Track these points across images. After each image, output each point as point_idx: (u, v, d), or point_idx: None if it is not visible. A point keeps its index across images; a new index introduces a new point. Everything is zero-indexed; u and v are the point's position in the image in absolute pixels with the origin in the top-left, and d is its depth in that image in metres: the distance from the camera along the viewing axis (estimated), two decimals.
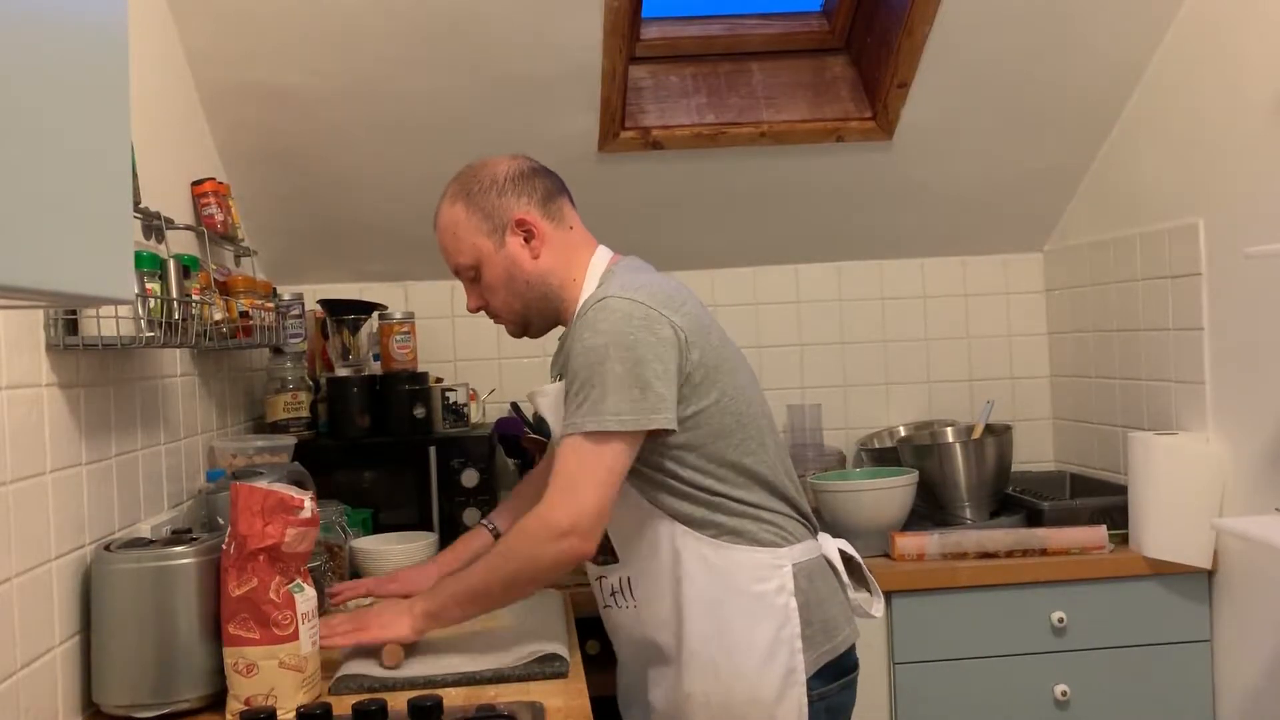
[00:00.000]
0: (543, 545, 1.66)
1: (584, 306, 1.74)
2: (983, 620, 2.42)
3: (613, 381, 1.64)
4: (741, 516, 1.75)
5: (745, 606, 1.72)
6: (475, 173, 1.85)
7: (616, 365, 1.65)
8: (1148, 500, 2.42)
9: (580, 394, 1.66)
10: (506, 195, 1.82)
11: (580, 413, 1.66)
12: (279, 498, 1.57)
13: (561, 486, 1.66)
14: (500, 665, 1.71)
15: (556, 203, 1.85)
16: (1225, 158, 2.35)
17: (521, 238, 1.81)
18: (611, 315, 1.67)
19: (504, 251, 1.81)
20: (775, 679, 1.71)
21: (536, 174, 1.86)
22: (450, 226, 1.84)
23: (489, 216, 1.81)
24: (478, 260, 1.82)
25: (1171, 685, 2.43)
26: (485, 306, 1.88)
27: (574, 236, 1.86)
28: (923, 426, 3.03)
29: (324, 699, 1.61)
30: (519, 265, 1.81)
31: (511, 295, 1.83)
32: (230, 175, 2.55)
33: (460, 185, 1.85)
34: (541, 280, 1.82)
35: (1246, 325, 2.30)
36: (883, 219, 3.00)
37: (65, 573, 1.57)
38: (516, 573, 1.71)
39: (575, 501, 1.64)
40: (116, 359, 1.79)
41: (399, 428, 2.62)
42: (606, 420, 1.64)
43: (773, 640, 1.71)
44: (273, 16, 2.28)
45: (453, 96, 2.51)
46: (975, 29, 2.48)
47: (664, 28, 2.82)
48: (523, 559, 1.69)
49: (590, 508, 1.64)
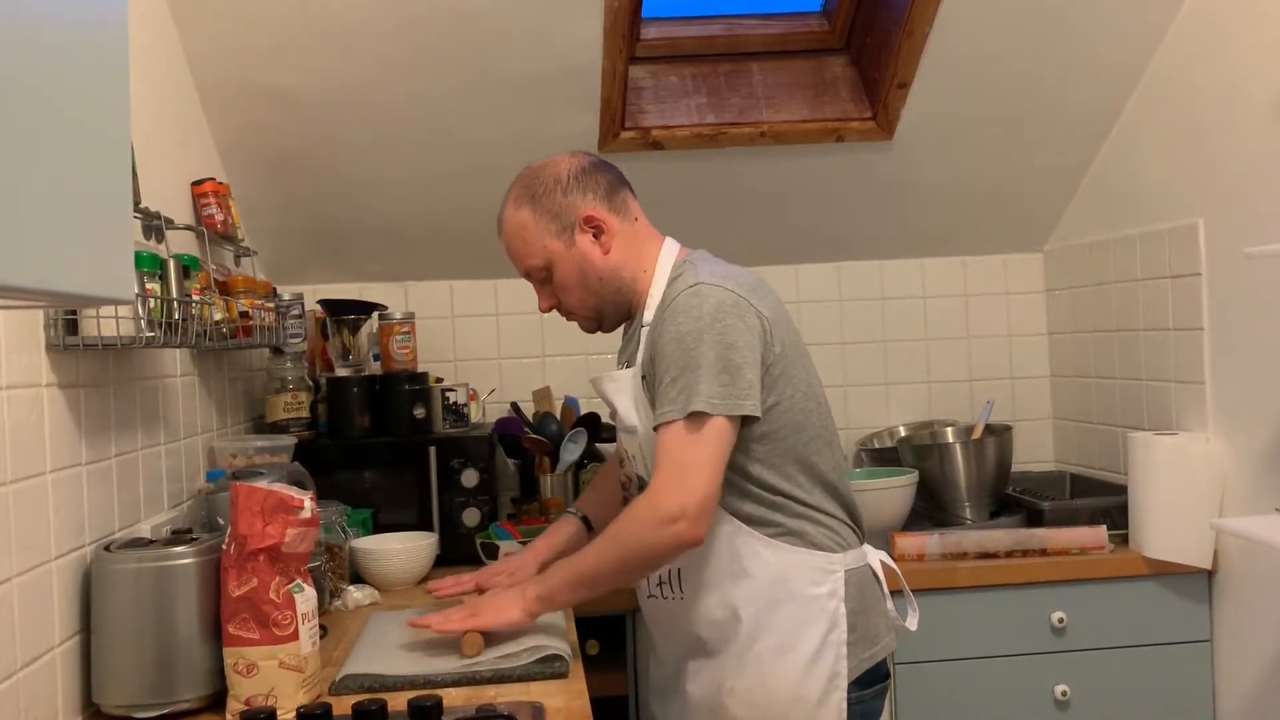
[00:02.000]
0: (654, 531, 1.66)
1: (672, 293, 1.74)
2: (983, 620, 2.42)
3: (706, 366, 1.66)
4: (802, 519, 1.76)
5: (797, 608, 1.74)
6: (537, 174, 1.85)
7: (710, 350, 1.67)
8: (1148, 500, 2.42)
9: (677, 380, 1.67)
10: (572, 193, 1.82)
11: (680, 398, 1.66)
12: (279, 498, 1.57)
13: (669, 472, 1.67)
14: (500, 665, 1.71)
15: (620, 196, 1.86)
16: (1225, 158, 2.35)
17: (591, 234, 1.82)
18: (705, 302, 1.69)
19: (575, 250, 1.82)
20: (819, 681, 1.73)
21: (598, 169, 1.86)
22: (518, 231, 1.84)
23: (556, 217, 1.81)
24: (549, 261, 1.83)
25: (1171, 685, 2.43)
26: (557, 306, 1.89)
27: (640, 229, 1.87)
28: (923, 426, 3.03)
29: (324, 699, 1.61)
30: (591, 262, 1.82)
31: (585, 292, 1.85)
32: (230, 175, 2.55)
33: (523, 188, 1.85)
34: (614, 275, 1.84)
35: (1246, 325, 2.30)
36: (883, 219, 3.00)
37: (65, 573, 1.57)
38: (627, 558, 1.71)
39: (684, 487, 1.65)
40: (116, 359, 1.79)
41: (399, 428, 2.62)
42: (700, 403, 1.65)
43: (820, 643, 1.73)
44: (273, 16, 2.28)
45: (453, 96, 2.51)
46: (975, 29, 2.48)
47: (664, 28, 2.82)
48: (633, 545, 1.69)
49: (700, 493, 1.65)
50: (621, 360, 1.90)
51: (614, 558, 1.72)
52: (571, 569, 1.76)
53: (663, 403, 1.69)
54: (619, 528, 1.72)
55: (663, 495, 1.66)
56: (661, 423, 1.68)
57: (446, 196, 2.77)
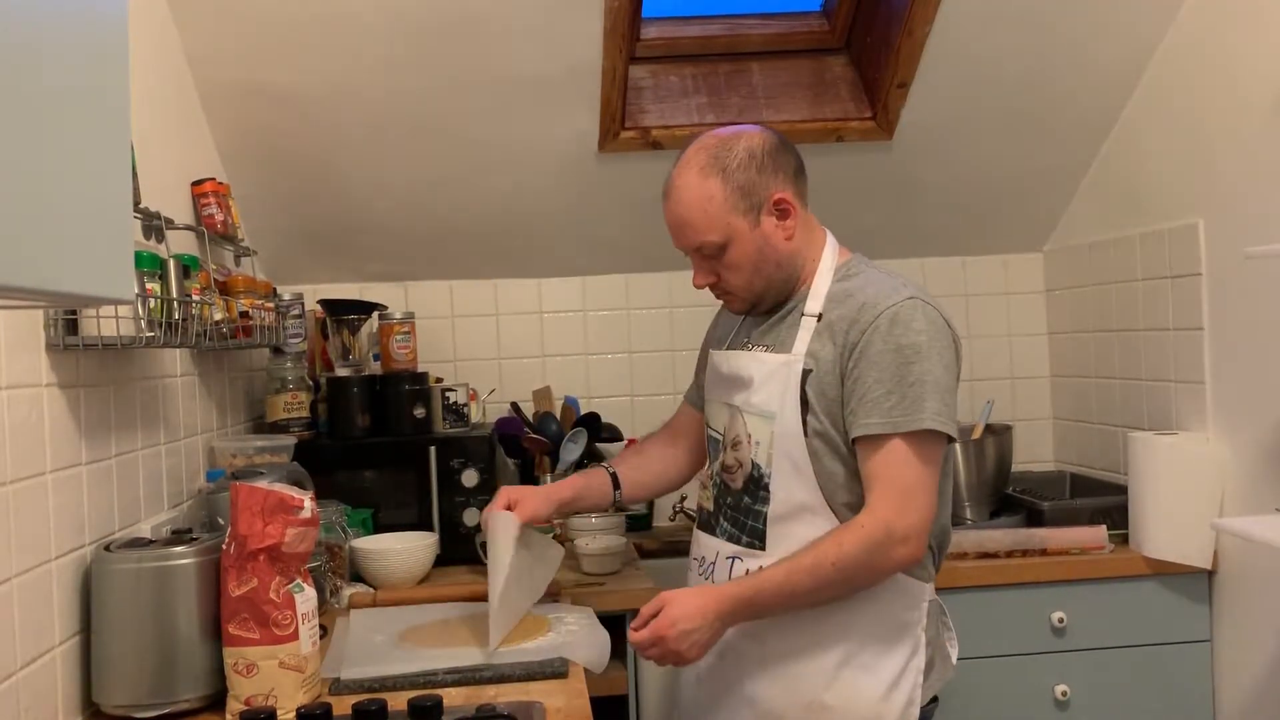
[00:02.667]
0: (882, 553, 1.63)
1: (875, 302, 1.69)
2: (983, 620, 2.42)
3: (932, 384, 1.64)
4: None
5: (888, 631, 1.73)
6: (727, 144, 1.74)
7: (935, 367, 1.65)
8: (1148, 500, 2.42)
9: (894, 392, 1.64)
10: (766, 171, 1.73)
11: (900, 410, 1.64)
12: (279, 498, 1.57)
13: (897, 494, 1.64)
14: (500, 665, 1.71)
15: (803, 180, 1.79)
16: (1225, 158, 2.35)
17: (776, 216, 1.75)
18: (924, 318, 1.67)
19: (759, 230, 1.74)
20: (898, 705, 1.73)
21: (787, 148, 1.78)
22: (701, 202, 1.72)
23: (748, 194, 1.72)
24: (728, 238, 1.73)
25: (1171, 685, 2.43)
26: (717, 283, 1.80)
27: (812, 217, 1.84)
28: None
29: (324, 699, 1.61)
30: (772, 245, 1.75)
31: (756, 275, 1.76)
32: (230, 175, 2.55)
33: (712, 157, 1.73)
34: (790, 260, 1.78)
35: (1246, 325, 2.30)
36: (883, 219, 2.99)
37: (65, 573, 1.57)
38: (851, 578, 1.66)
39: (913, 509, 1.64)
40: (116, 359, 1.79)
41: (399, 428, 2.62)
42: (926, 419, 1.63)
43: (903, 669, 1.73)
44: (273, 16, 2.28)
45: (453, 96, 2.51)
46: (975, 29, 2.48)
47: (664, 28, 2.82)
48: (859, 565, 1.64)
49: (927, 515, 1.65)
50: (758, 343, 1.82)
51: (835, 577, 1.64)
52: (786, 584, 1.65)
53: (874, 413, 1.65)
54: (842, 549, 1.64)
55: (893, 516, 1.63)
56: (875, 434, 1.65)
57: (446, 196, 2.77)
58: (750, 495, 1.77)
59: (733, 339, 1.90)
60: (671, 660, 1.68)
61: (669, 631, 1.63)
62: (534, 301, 3.08)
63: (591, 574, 2.36)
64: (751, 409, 1.77)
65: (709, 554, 1.84)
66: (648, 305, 3.07)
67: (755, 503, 1.76)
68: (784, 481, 1.72)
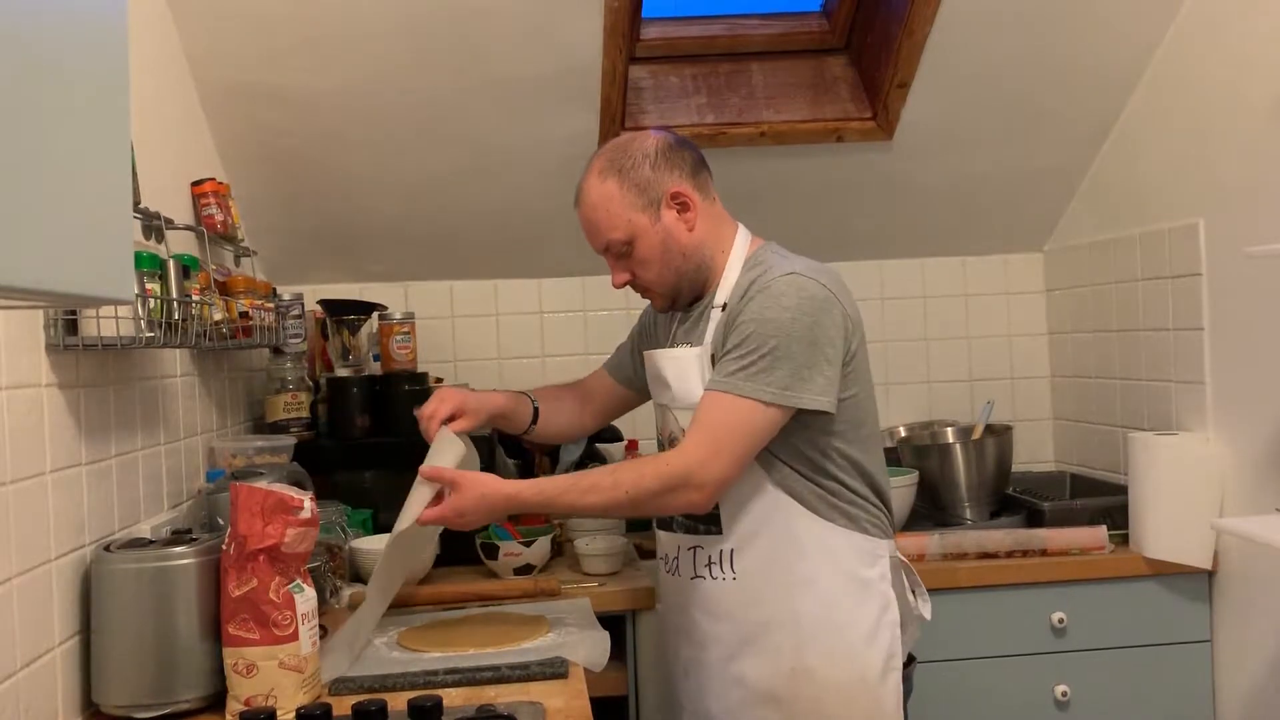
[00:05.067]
0: (675, 493, 1.70)
1: (763, 277, 1.76)
2: (983, 620, 2.42)
3: (785, 356, 1.68)
4: (853, 505, 1.80)
5: (853, 588, 1.78)
6: (623, 147, 1.85)
7: (795, 342, 1.69)
8: (1148, 500, 2.42)
9: (747, 357, 1.69)
10: (659, 168, 1.82)
11: (744, 374, 1.69)
12: (279, 498, 1.57)
13: (706, 441, 1.69)
14: (500, 665, 1.71)
15: (702, 175, 1.87)
16: (1225, 158, 2.35)
17: (676, 210, 1.83)
18: (799, 293, 1.72)
19: (660, 225, 1.82)
20: (879, 660, 1.77)
21: (683, 145, 1.87)
22: (602, 203, 1.82)
23: (644, 191, 1.81)
24: (631, 235, 1.82)
25: (1171, 685, 2.43)
26: (633, 281, 1.88)
27: (718, 209, 1.90)
28: (923, 426, 3.03)
29: (324, 699, 1.61)
30: (675, 238, 1.83)
31: (666, 268, 1.84)
32: (230, 175, 2.55)
33: (609, 160, 1.84)
34: (696, 251, 1.85)
35: (1246, 325, 2.30)
36: (883, 219, 2.99)
37: (65, 573, 1.57)
38: (636, 503, 1.73)
39: (716, 461, 1.68)
40: (116, 359, 1.79)
41: (399, 428, 2.62)
42: (769, 391, 1.67)
43: (876, 623, 1.78)
44: (273, 17, 2.28)
45: (453, 96, 2.51)
46: (975, 29, 2.48)
47: (664, 28, 2.82)
48: (649, 495, 1.71)
49: (730, 472, 1.69)
50: (683, 341, 1.90)
51: (624, 498, 1.72)
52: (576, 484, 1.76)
53: (723, 369, 1.71)
54: (640, 475, 1.73)
55: (697, 464, 1.68)
56: (715, 389, 1.71)
57: (446, 196, 2.77)
58: None
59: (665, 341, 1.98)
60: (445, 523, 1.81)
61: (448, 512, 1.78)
62: (534, 301, 3.08)
63: (591, 574, 2.36)
64: (677, 404, 1.85)
65: (670, 550, 1.91)
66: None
67: None
68: None
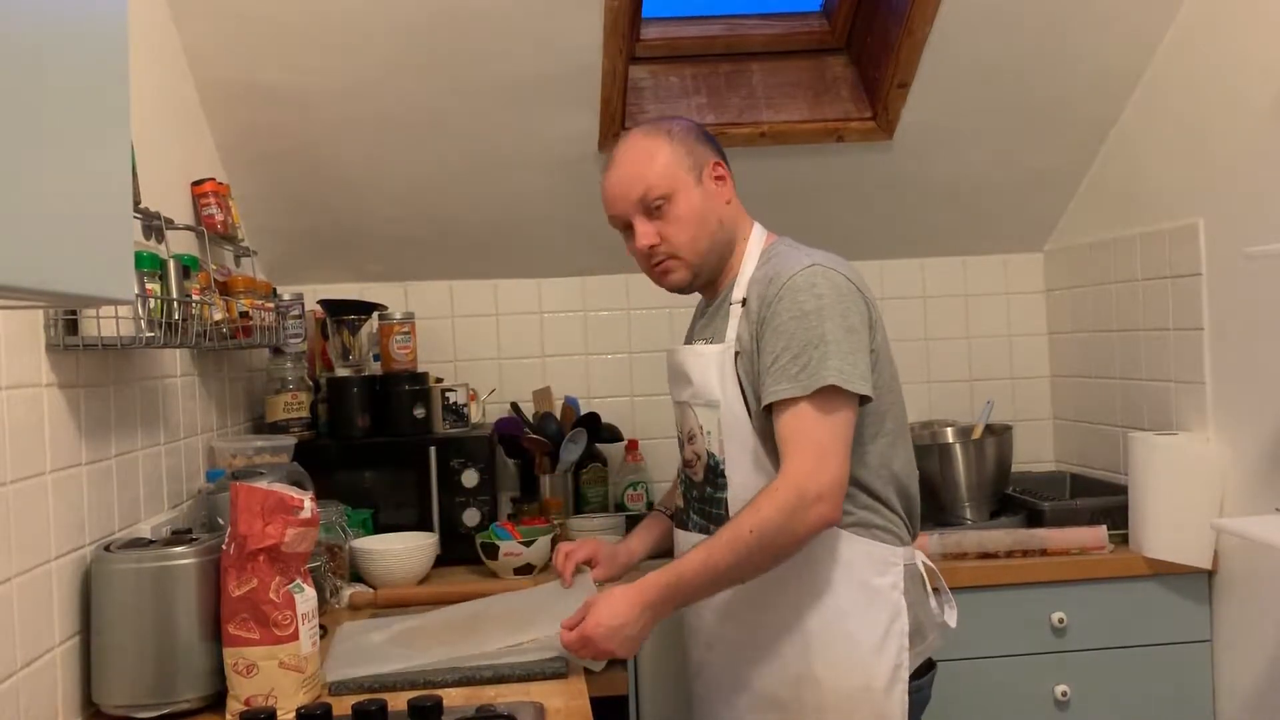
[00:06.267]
0: (800, 515, 1.63)
1: (779, 273, 1.74)
2: (983, 620, 2.41)
3: (834, 343, 1.67)
4: (868, 510, 1.77)
5: (862, 597, 1.75)
6: (667, 122, 1.86)
7: (836, 330, 1.67)
8: (1148, 500, 2.42)
9: (799, 356, 1.67)
10: (704, 143, 1.84)
11: (803, 374, 1.66)
12: (279, 498, 1.57)
13: (809, 455, 1.65)
14: (500, 665, 1.71)
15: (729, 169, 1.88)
16: (1225, 158, 2.35)
17: (715, 182, 1.83)
18: (825, 283, 1.71)
19: (702, 188, 1.81)
20: (886, 670, 1.75)
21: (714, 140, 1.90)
22: (646, 154, 1.80)
23: (691, 153, 1.81)
24: (673, 189, 1.79)
25: (1171, 685, 2.43)
26: (660, 244, 1.82)
27: (739, 203, 1.90)
28: (923, 426, 3.03)
29: (324, 699, 1.61)
30: (714, 204, 1.82)
31: (701, 231, 1.81)
32: (230, 175, 2.55)
33: (655, 127, 1.85)
34: (730, 225, 1.85)
35: (1246, 325, 2.30)
36: (883, 219, 2.99)
37: (65, 573, 1.57)
38: (770, 545, 1.65)
39: (826, 468, 1.64)
40: (116, 359, 1.79)
41: (399, 428, 2.62)
42: (829, 376, 1.64)
43: (885, 632, 1.75)
44: (273, 16, 2.28)
45: (453, 96, 2.51)
46: (975, 29, 2.48)
47: (664, 28, 2.82)
48: (778, 531, 1.64)
49: (840, 472, 1.66)
50: (700, 337, 1.89)
51: (756, 547, 1.64)
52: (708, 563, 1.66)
53: (781, 379, 1.68)
54: (760, 517, 1.64)
55: (805, 478, 1.64)
56: (782, 399, 1.67)
57: (446, 196, 2.77)
58: (710, 484, 1.82)
59: (684, 339, 1.97)
60: (606, 657, 1.70)
61: (595, 631, 1.65)
62: (534, 301, 3.08)
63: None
64: (698, 401, 1.83)
65: (686, 548, 1.86)
66: (648, 305, 3.07)
67: (716, 490, 1.81)
68: (738, 465, 1.77)
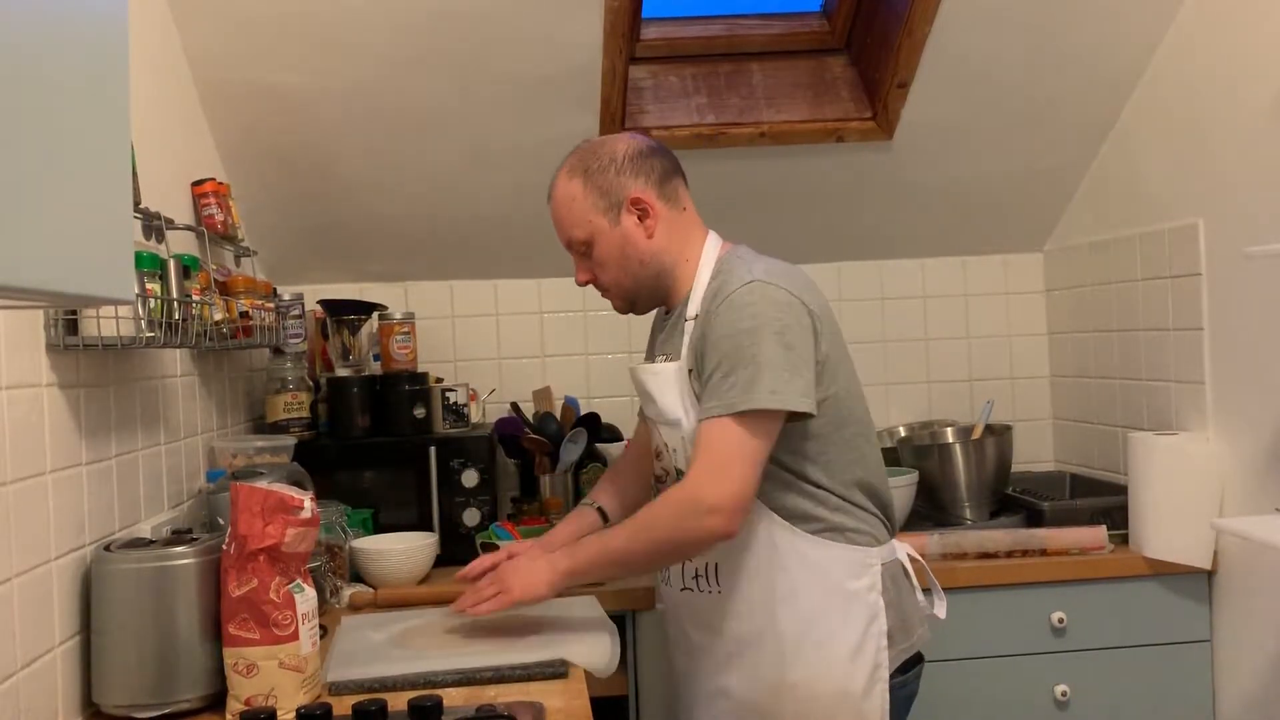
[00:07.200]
0: (691, 521, 1.68)
1: (725, 288, 1.76)
2: (983, 620, 2.42)
3: (765, 362, 1.68)
4: (840, 512, 1.79)
5: (838, 602, 1.76)
6: (594, 149, 1.88)
7: (769, 347, 1.69)
8: (1148, 500, 2.42)
9: (730, 375, 1.69)
10: (624, 174, 1.85)
11: (733, 393, 1.68)
12: (279, 498, 1.57)
13: (713, 465, 1.68)
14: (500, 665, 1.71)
15: (672, 183, 1.89)
16: (1225, 158, 2.35)
17: (636, 216, 1.84)
18: (761, 299, 1.72)
19: (618, 229, 1.85)
20: (864, 673, 1.76)
21: (655, 153, 1.89)
22: (566, 201, 1.86)
23: (605, 194, 1.84)
24: (591, 235, 1.85)
25: (1171, 685, 2.43)
26: (594, 281, 1.91)
27: (687, 218, 1.90)
28: (923, 426, 3.03)
29: (324, 699, 1.61)
30: (633, 243, 1.85)
31: (623, 272, 1.87)
32: (230, 175, 2.55)
33: (579, 160, 1.88)
34: (655, 259, 1.86)
35: (1246, 325, 2.30)
36: (883, 219, 2.99)
37: (65, 573, 1.57)
38: (660, 545, 1.74)
39: (726, 480, 1.67)
40: (116, 359, 1.79)
41: (399, 428, 2.62)
42: (759, 399, 1.67)
43: (862, 635, 1.76)
44: (273, 17, 2.28)
45: (453, 96, 2.51)
46: (975, 29, 2.48)
47: (664, 28, 2.82)
48: (667, 532, 1.72)
49: (740, 488, 1.68)
50: (660, 353, 1.91)
51: (646, 542, 1.74)
52: (604, 546, 1.79)
53: (713, 396, 1.71)
54: (655, 514, 1.74)
55: (704, 488, 1.68)
56: (709, 415, 1.70)
57: (446, 196, 2.77)
58: None
59: (647, 350, 1.99)
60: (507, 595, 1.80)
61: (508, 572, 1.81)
62: (534, 301, 3.08)
63: None
64: (661, 419, 1.86)
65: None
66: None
67: None
68: None
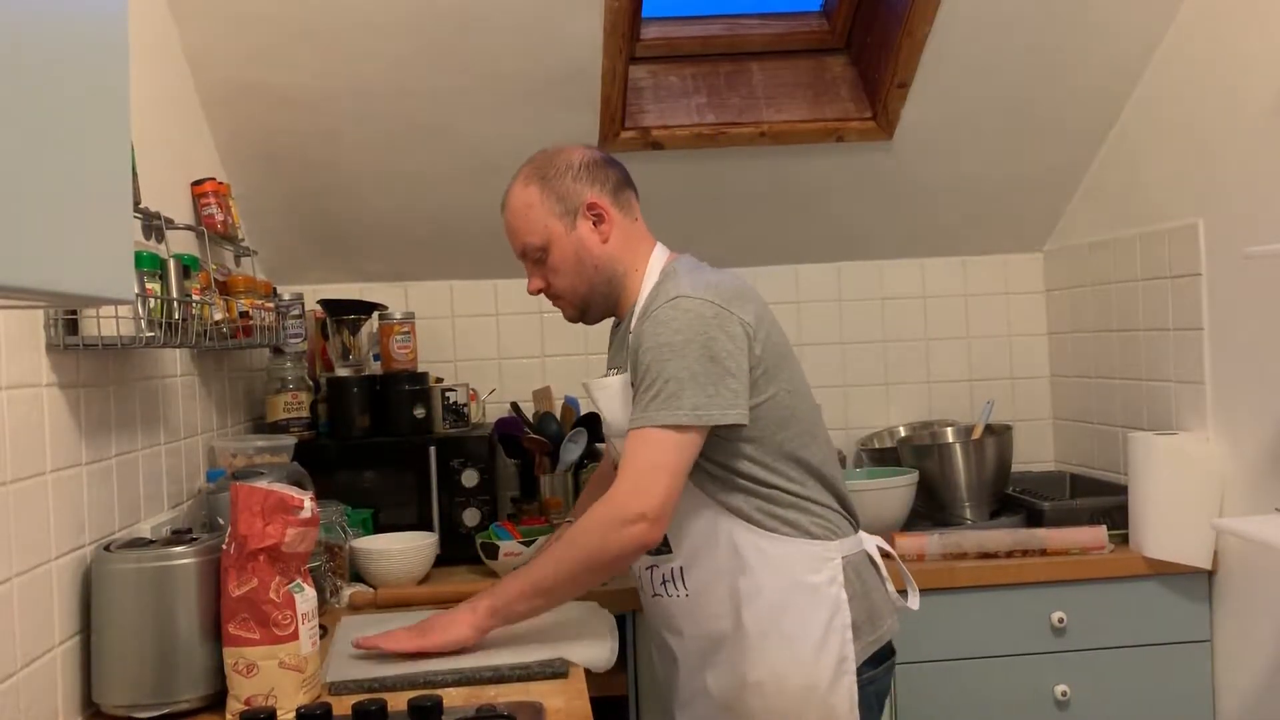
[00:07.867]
0: (615, 533, 1.69)
1: (653, 303, 1.78)
2: (983, 620, 2.42)
3: (688, 377, 1.70)
4: (794, 509, 1.80)
5: (799, 597, 1.77)
6: (550, 158, 1.91)
7: (693, 362, 1.70)
8: (1148, 500, 2.42)
9: (653, 388, 1.71)
10: (581, 181, 1.87)
11: (654, 405, 1.70)
12: (279, 498, 1.57)
13: (632, 477, 1.70)
14: (500, 665, 1.71)
15: (625, 194, 1.91)
16: (1225, 158, 2.35)
17: (591, 221, 1.87)
18: (686, 314, 1.73)
19: (574, 234, 1.87)
20: (829, 667, 1.76)
21: (608, 164, 1.92)
22: (522, 208, 1.88)
23: (562, 199, 1.87)
24: (547, 241, 1.87)
25: (1171, 685, 2.43)
26: (547, 289, 1.93)
27: (638, 228, 1.93)
28: (923, 426, 3.03)
29: (324, 699, 1.61)
30: (588, 248, 1.87)
31: (578, 278, 1.89)
32: (230, 175, 2.55)
33: (535, 168, 1.90)
34: (608, 264, 1.88)
35: (1246, 325, 2.30)
36: (883, 219, 2.99)
37: (65, 573, 1.57)
38: (588, 561, 1.73)
39: (646, 491, 1.69)
40: (116, 359, 1.79)
41: (399, 428, 2.62)
42: (682, 415, 1.69)
43: (825, 629, 1.77)
44: (273, 16, 2.28)
45: (453, 96, 2.51)
46: (975, 29, 2.48)
47: (664, 28, 2.82)
48: (594, 547, 1.72)
49: (661, 497, 1.69)
50: (612, 365, 1.94)
51: (573, 560, 1.74)
52: (528, 578, 1.78)
53: (637, 408, 1.73)
54: (577, 532, 1.76)
55: (624, 499, 1.70)
56: (634, 427, 1.72)
57: (446, 196, 2.77)
58: None
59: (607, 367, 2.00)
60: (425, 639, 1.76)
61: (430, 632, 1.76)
62: (534, 301, 3.05)
63: None
64: (613, 433, 1.88)
65: (635, 568, 1.94)
66: None
67: None
68: None
